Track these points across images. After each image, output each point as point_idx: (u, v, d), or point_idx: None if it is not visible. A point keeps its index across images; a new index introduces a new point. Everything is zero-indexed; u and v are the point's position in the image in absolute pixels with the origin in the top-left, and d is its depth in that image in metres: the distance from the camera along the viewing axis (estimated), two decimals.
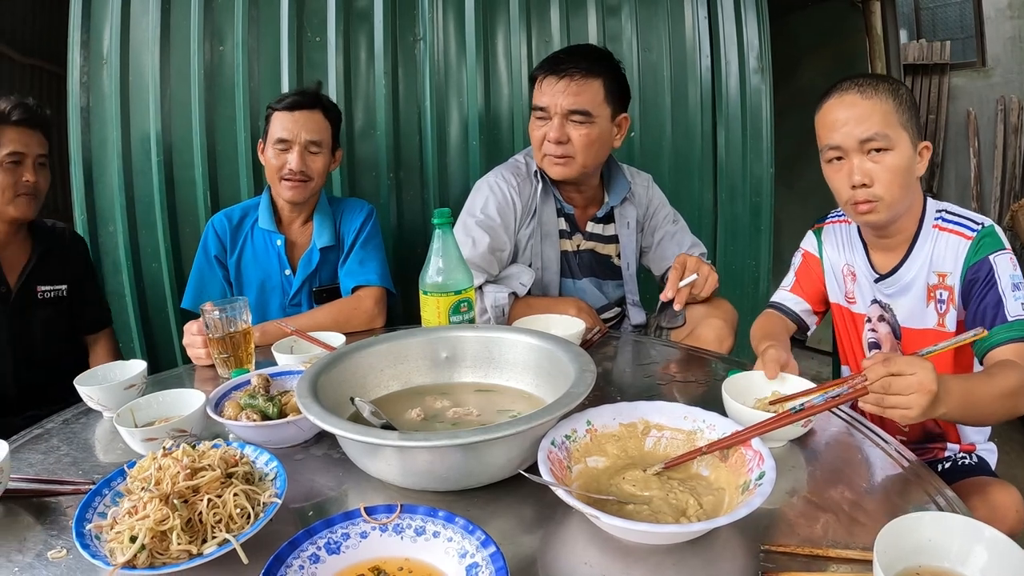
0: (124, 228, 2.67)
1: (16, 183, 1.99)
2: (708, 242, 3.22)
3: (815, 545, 0.94)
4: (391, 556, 0.92)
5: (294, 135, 2.12)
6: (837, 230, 1.82)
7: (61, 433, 1.45)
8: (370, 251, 2.28)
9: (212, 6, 2.66)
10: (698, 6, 3.12)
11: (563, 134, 2.01)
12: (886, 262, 1.68)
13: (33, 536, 1.06)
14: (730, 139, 3.20)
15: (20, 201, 2.01)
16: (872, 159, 1.52)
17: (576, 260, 2.24)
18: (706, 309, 1.99)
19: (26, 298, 2.07)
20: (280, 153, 2.14)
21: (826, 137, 1.57)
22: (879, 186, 1.52)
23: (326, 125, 2.20)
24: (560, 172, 2.07)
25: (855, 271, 1.75)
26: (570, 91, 1.99)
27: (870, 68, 4.18)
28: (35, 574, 0.97)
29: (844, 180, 1.56)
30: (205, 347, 1.76)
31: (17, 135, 1.98)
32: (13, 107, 1.97)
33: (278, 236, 2.24)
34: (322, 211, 2.28)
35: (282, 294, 2.27)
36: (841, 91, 1.55)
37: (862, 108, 1.51)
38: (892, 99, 1.51)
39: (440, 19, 2.83)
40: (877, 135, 1.50)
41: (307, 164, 2.14)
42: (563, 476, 1.04)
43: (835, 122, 1.54)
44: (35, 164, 2.04)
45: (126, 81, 2.64)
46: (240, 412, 1.31)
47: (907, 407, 1.12)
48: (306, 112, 2.15)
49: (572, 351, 1.30)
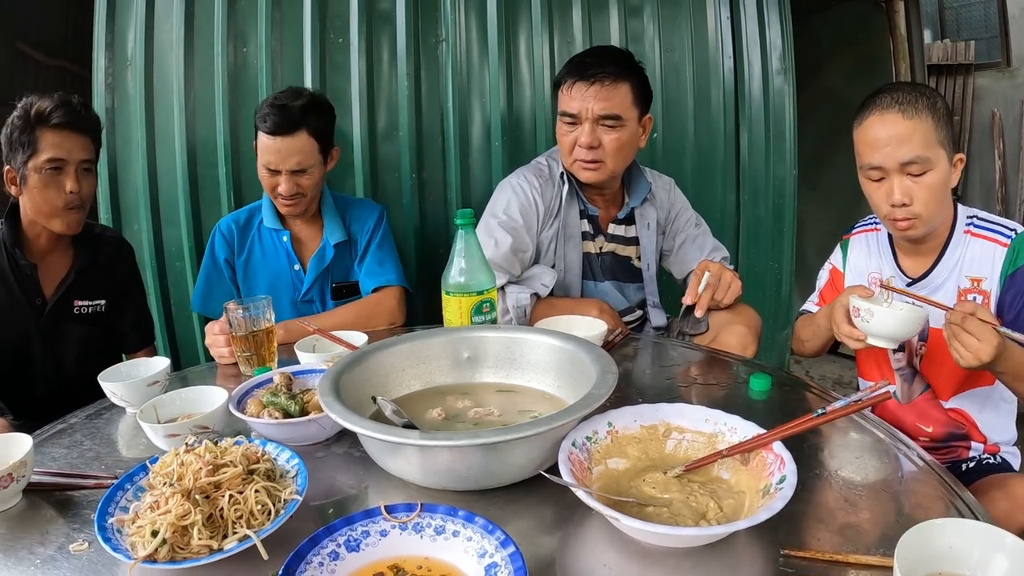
0: (148, 227, 2.71)
1: (57, 193, 1.85)
2: (730, 245, 3.19)
3: (835, 550, 0.93)
4: (410, 555, 0.92)
5: (279, 164, 2.09)
6: (865, 238, 1.84)
7: (84, 428, 1.47)
8: (386, 251, 2.31)
9: (235, 8, 2.68)
10: (720, 6, 3.10)
11: (595, 139, 2.01)
12: (916, 267, 1.69)
13: (55, 529, 1.08)
14: (753, 141, 3.17)
15: (65, 216, 1.88)
16: (912, 179, 1.54)
17: (598, 262, 2.24)
18: (729, 315, 1.98)
19: (61, 312, 1.99)
20: (270, 176, 2.12)
21: (867, 155, 1.58)
22: (918, 204, 1.54)
23: (310, 144, 2.11)
24: (591, 176, 2.07)
25: (882, 278, 1.74)
26: (600, 96, 1.98)
27: (894, 69, 4.14)
28: (57, 566, 0.98)
29: (883, 197, 1.58)
30: (228, 346, 1.77)
31: (59, 139, 1.83)
32: (54, 108, 1.82)
33: (284, 232, 2.26)
34: (329, 209, 2.29)
35: (293, 290, 2.28)
36: (882, 109, 1.55)
37: (904, 129, 1.52)
38: (931, 117, 1.51)
39: (462, 20, 2.83)
40: (918, 158, 1.51)
41: (297, 185, 2.13)
42: (583, 477, 1.03)
43: (876, 141, 1.55)
44: (78, 171, 1.88)
45: (150, 82, 2.67)
46: (262, 409, 1.32)
47: (979, 341, 1.33)
48: (286, 140, 2.06)
49: (594, 352, 1.29)
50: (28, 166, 1.83)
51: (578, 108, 2.01)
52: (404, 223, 2.88)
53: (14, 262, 1.92)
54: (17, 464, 1.12)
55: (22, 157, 1.83)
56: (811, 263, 4.30)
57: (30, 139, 1.82)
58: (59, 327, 2.00)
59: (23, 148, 1.83)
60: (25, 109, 1.83)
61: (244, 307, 1.67)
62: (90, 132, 1.93)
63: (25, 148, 1.82)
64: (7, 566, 0.99)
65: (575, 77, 2.02)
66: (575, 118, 2.03)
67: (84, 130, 1.90)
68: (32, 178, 1.84)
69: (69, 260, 2.02)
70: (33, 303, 1.95)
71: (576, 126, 2.03)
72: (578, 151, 2.04)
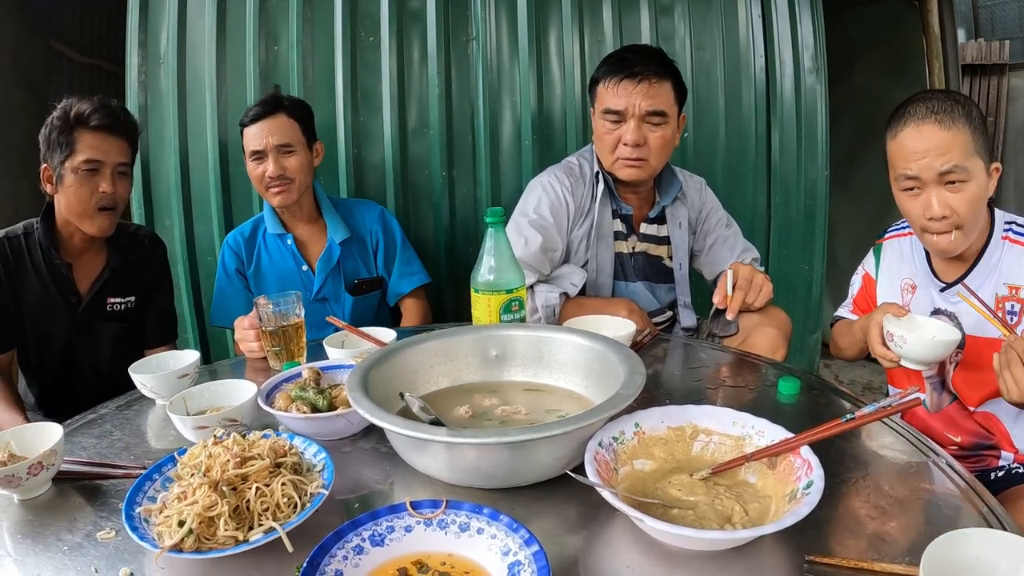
0: (180, 222, 2.75)
1: (93, 193, 1.89)
2: (761, 246, 3.16)
3: (860, 558, 0.91)
4: (434, 551, 0.93)
5: (263, 144, 2.18)
6: (899, 243, 1.80)
7: (114, 419, 1.49)
8: (409, 251, 2.45)
9: (267, 7, 2.71)
10: (751, 4, 3.06)
11: (641, 136, 2.01)
12: (950, 272, 1.66)
13: (83, 517, 1.10)
14: (784, 141, 3.14)
15: (98, 218, 1.92)
16: (949, 190, 1.51)
17: (631, 262, 2.23)
18: (760, 317, 1.96)
19: (95, 310, 2.04)
20: (257, 164, 2.21)
21: (902, 166, 1.55)
22: (956, 216, 1.51)
23: (291, 124, 2.23)
24: (633, 174, 2.06)
25: (915, 283, 1.71)
26: (648, 93, 1.98)
27: (927, 69, 4.06)
28: (84, 553, 0.99)
29: (919, 209, 1.55)
30: (257, 340, 1.79)
31: (96, 141, 1.87)
32: (94, 110, 1.86)
33: (287, 235, 2.33)
34: (328, 211, 2.37)
35: (304, 290, 2.30)
36: (918, 119, 1.52)
37: (941, 140, 1.49)
38: (968, 127, 1.49)
39: (492, 19, 2.83)
40: (956, 168, 1.48)
41: (283, 166, 2.20)
42: (609, 478, 1.03)
43: (912, 153, 1.52)
44: (114, 174, 1.92)
45: (183, 80, 2.71)
46: (290, 404, 1.33)
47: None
48: (268, 120, 2.19)
49: (622, 352, 1.28)
50: (65, 166, 1.87)
51: (624, 104, 2.00)
52: (434, 221, 2.90)
53: (49, 261, 1.96)
54: (47, 452, 1.15)
55: (59, 157, 1.87)
56: (843, 265, 4.25)
57: (68, 140, 1.86)
58: (93, 324, 2.04)
59: (61, 148, 1.86)
60: (65, 110, 1.87)
61: (274, 302, 1.69)
62: (128, 136, 1.96)
63: (63, 148, 1.86)
64: (35, 551, 1.01)
65: (621, 74, 2.01)
66: (620, 115, 2.02)
67: (122, 133, 1.94)
68: (68, 178, 1.88)
69: (103, 259, 2.06)
70: (68, 301, 2.00)
71: (620, 124, 2.03)
72: (622, 149, 2.03)
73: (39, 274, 1.97)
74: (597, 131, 2.10)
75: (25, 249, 1.96)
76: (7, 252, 1.94)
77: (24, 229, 1.98)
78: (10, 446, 1.20)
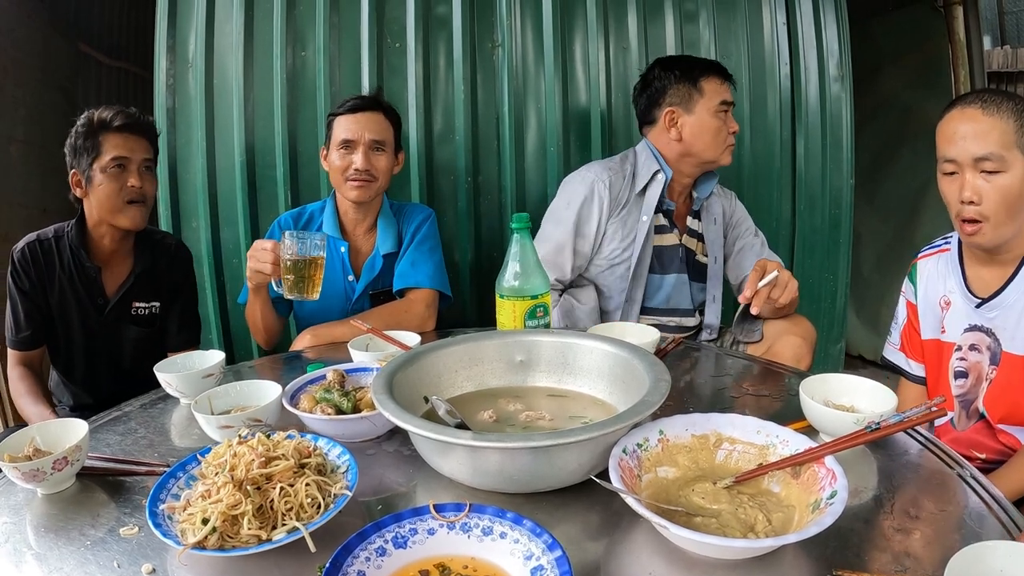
0: (207, 224, 2.77)
1: (122, 188, 1.97)
2: (785, 255, 3.15)
3: (883, 569, 0.90)
4: (457, 554, 0.92)
5: (358, 135, 2.16)
6: (935, 260, 1.77)
7: (139, 416, 1.51)
8: (424, 253, 2.28)
9: (294, 13, 2.73)
10: (776, 11, 3.06)
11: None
12: (986, 285, 1.62)
13: (106, 513, 1.11)
14: (809, 148, 3.12)
15: (130, 211, 2.00)
16: (984, 177, 1.49)
17: (667, 256, 2.29)
18: (784, 325, 1.96)
19: (121, 313, 2.10)
20: (345, 154, 2.18)
21: (943, 148, 1.54)
22: (987, 205, 1.49)
23: (387, 125, 2.24)
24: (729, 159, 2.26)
25: (951, 299, 1.69)
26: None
27: (953, 76, 4.01)
28: (106, 548, 1.00)
29: (955, 193, 1.54)
30: (275, 263, 1.82)
31: (121, 140, 1.96)
32: (115, 114, 1.96)
33: (342, 243, 2.28)
34: (386, 217, 2.31)
35: (344, 300, 2.29)
36: (964, 103, 1.52)
37: (981, 124, 1.48)
38: (1013, 118, 1.47)
39: (518, 26, 2.84)
40: (992, 155, 1.47)
41: (372, 163, 2.17)
42: (633, 485, 1.03)
43: (953, 135, 1.51)
44: (140, 169, 2.00)
45: (210, 84, 2.74)
46: (315, 405, 1.34)
47: None
48: (368, 114, 2.20)
49: (647, 359, 1.28)
50: (93, 167, 1.96)
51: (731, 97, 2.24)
52: (459, 226, 2.90)
53: (79, 264, 2.03)
54: (72, 448, 1.16)
55: (87, 160, 1.96)
56: (868, 276, 4.20)
57: (94, 143, 1.95)
58: (118, 326, 2.11)
59: (87, 152, 1.95)
60: (88, 118, 1.97)
61: (299, 239, 1.76)
62: (148, 135, 2.06)
63: (90, 152, 1.95)
64: (58, 545, 1.02)
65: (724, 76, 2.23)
66: (729, 105, 2.22)
67: (143, 132, 2.03)
68: (97, 177, 1.96)
69: (130, 263, 2.12)
70: (96, 303, 2.07)
71: (727, 112, 2.22)
72: (728, 137, 2.22)
73: (68, 276, 2.04)
74: (707, 124, 2.19)
75: (55, 251, 2.03)
76: (39, 253, 2.02)
77: (55, 232, 2.05)
78: (35, 441, 1.22)
